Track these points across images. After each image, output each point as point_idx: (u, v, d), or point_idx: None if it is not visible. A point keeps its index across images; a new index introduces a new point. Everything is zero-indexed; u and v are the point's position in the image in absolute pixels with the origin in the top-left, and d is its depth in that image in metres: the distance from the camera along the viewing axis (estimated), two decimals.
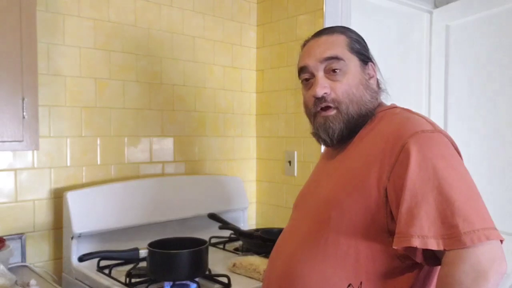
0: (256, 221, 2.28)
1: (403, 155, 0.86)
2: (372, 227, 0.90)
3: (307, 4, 1.99)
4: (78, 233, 1.56)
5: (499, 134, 2.08)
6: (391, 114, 1.01)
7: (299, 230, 1.02)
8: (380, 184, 0.89)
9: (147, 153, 1.89)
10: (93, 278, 1.46)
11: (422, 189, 0.83)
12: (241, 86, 2.22)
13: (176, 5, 1.97)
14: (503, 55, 2.06)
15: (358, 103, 1.01)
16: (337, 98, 1.01)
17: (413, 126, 0.91)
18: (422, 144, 0.86)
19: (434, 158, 0.85)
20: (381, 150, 0.91)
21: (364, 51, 1.06)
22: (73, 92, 1.68)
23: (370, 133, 0.99)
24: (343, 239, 0.92)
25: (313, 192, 1.08)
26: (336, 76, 1.01)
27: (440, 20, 2.35)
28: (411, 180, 0.83)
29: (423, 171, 0.84)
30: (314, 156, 1.96)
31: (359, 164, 0.95)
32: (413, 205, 0.82)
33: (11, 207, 1.56)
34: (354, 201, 0.91)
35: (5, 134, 1.29)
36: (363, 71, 1.03)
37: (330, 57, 1.01)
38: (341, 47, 1.03)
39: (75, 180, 1.69)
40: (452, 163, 0.86)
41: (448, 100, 2.34)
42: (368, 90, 1.03)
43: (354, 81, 1.01)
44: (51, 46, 1.62)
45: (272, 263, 1.07)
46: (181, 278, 1.34)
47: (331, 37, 1.04)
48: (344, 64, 1.01)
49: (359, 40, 1.06)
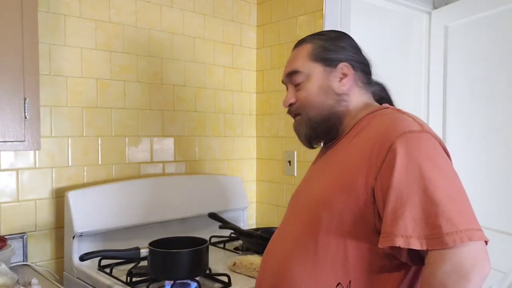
0: (256, 221, 2.29)
1: (390, 156, 0.87)
2: (360, 227, 0.91)
3: (307, 5, 2.00)
4: (79, 233, 1.57)
5: (498, 135, 2.09)
6: (380, 114, 1.01)
7: (291, 231, 1.03)
8: (368, 184, 0.89)
9: (148, 153, 1.90)
10: (94, 277, 1.47)
11: (407, 189, 0.83)
12: (241, 86, 2.23)
13: (177, 6, 1.97)
14: (502, 56, 2.06)
15: (319, 108, 1.05)
16: (299, 106, 1.08)
17: (401, 126, 0.91)
18: (409, 145, 0.87)
19: (420, 159, 0.85)
20: (369, 151, 0.92)
21: (331, 55, 1.07)
22: (74, 93, 1.69)
23: (360, 134, 1.00)
24: (332, 239, 0.93)
25: (304, 191, 1.11)
26: (299, 86, 1.08)
27: (439, 21, 2.36)
28: (397, 180, 0.84)
29: (409, 171, 0.84)
30: (314, 156, 1.94)
31: (348, 164, 0.96)
32: (398, 206, 0.83)
33: (13, 207, 1.57)
34: (343, 201, 0.92)
35: (7, 134, 1.30)
36: (327, 76, 1.05)
37: (291, 72, 1.09)
38: (303, 58, 1.08)
39: (76, 180, 1.70)
40: (438, 164, 0.86)
41: (447, 101, 2.34)
42: (330, 94, 1.05)
43: (313, 88, 1.05)
44: (52, 46, 1.63)
45: (264, 263, 1.09)
46: (181, 277, 1.35)
47: (298, 50, 1.11)
48: (304, 75, 1.06)
49: (325, 45, 1.07)
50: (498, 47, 2.08)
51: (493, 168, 2.09)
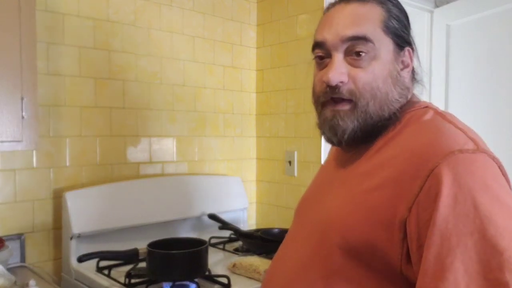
0: (256, 221, 2.28)
1: (432, 182, 0.66)
2: (380, 270, 0.72)
3: (307, 3, 1.99)
4: (78, 233, 1.56)
5: (500, 134, 2.08)
6: (418, 119, 0.79)
7: (298, 252, 0.86)
8: (397, 215, 0.69)
9: (147, 153, 1.89)
10: (92, 279, 1.46)
11: (457, 230, 0.63)
12: (241, 86, 2.22)
13: (176, 5, 1.96)
14: (504, 54, 2.06)
15: (381, 101, 0.79)
16: (355, 91, 0.79)
17: (448, 142, 0.69)
18: (459, 169, 0.66)
19: (475, 188, 0.64)
20: (401, 170, 0.71)
21: (403, 32, 0.83)
22: (73, 92, 1.68)
23: (390, 143, 0.79)
24: (344, 285, 0.74)
25: (315, 204, 0.92)
26: (359, 61, 0.79)
27: (441, 19, 2.35)
28: (443, 216, 0.63)
29: (459, 205, 0.63)
30: (314, 156, 1.96)
31: (371, 184, 0.75)
32: (444, 252, 0.62)
33: (10, 207, 1.56)
34: (361, 233, 0.73)
35: (5, 134, 1.28)
36: (396, 60, 0.82)
37: (356, 37, 0.78)
38: (374, 24, 0.80)
39: (74, 180, 1.69)
40: (499, 196, 0.65)
41: (449, 99, 2.33)
42: (398, 85, 0.81)
43: (382, 71, 0.79)
44: (50, 45, 1.62)
45: (270, 276, 0.93)
46: (180, 278, 1.34)
47: (363, 7, 0.81)
48: (373, 47, 0.78)
49: (399, 16, 0.83)
50: (501, 46, 2.07)
51: None
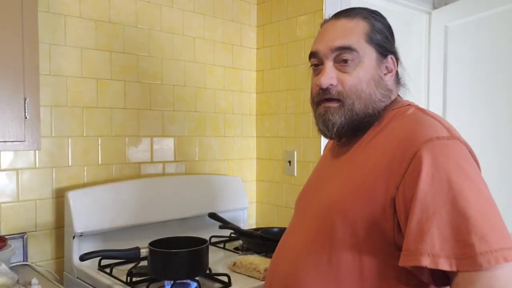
0: (256, 221, 2.29)
1: (415, 164, 0.79)
2: (377, 240, 0.84)
3: (307, 5, 2.00)
4: (80, 233, 1.57)
5: (498, 134, 2.09)
6: (402, 114, 0.93)
7: (301, 238, 0.96)
8: (388, 193, 0.82)
9: (148, 153, 1.90)
10: (94, 277, 1.47)
11: (434, 202, 0.75)
12: (241, 86, 2.23)
13: (177, 6, 1.98)
14: (501, 55, 2.07)
15: (366, 100, 0.93)
16: (343, 92, 0.93)
17: (427, 131, 0.83)
18: (436, 153, 0.79)
19: (449, 168, 0.77)
20: (390, 156, 0.84)
21: (385, 42, 0.97)
22: (75, 93, 1.69)
23: (379, 135, 0.93)
24: (347, 253, 0.86)
25: (315, 193, 1.02)
26: (346, 67, 0.93)
27: (439, 21, 2.36)
28: (423, 191, 0.76)
29: (436, 182, 0.76)
30: (314, 156, 1.97)
31: (365, 169, 0.88)
32: (423, 220, 0.75)
33: (13, 207, 1.57)
34: (359, 209, 0.85)
35: (7, 134, 1.30)
36: (378, 66, 0.95)
37: (343, 47, 0.93)
38: (358, 36, 0.94)
39: (76, 179, 1.70)
40: (469, 174, 0.78)
41: (447, 100, 2.35)
42: (380, 87, 0.95)
43: (365, 75, 0.93)
44: (52, 46, 1.63)
45: (274, 266, 1.02)
46: (181, 277, 1.35)
47: (350, 22, 0.95)
48: (358, 55, 0.93)
49: (381, 29, 0.97)
50: (498, 47, 2.08)
51: (493, 169, 2.09)
